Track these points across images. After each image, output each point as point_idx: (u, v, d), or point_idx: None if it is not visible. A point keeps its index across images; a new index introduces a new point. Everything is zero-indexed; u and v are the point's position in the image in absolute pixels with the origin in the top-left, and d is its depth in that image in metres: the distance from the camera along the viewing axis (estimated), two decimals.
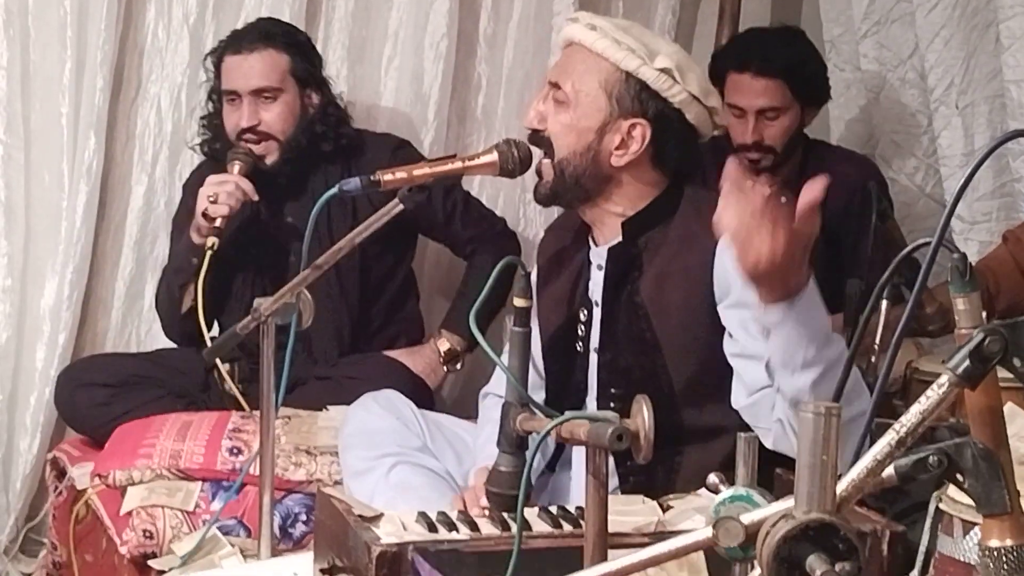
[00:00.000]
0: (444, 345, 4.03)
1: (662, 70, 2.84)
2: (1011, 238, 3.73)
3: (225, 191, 3.77)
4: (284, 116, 3.93)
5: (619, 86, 2.85)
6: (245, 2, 4.30)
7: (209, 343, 3.46)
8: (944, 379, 1.54)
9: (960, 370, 1.54)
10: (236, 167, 3.85)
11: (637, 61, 2.84)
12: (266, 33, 3.96)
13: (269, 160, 3.92)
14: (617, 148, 2.87)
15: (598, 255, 2.99)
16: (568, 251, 3.07)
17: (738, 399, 2.79)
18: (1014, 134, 1.72)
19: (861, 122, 4.64)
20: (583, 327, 3.01)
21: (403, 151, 3.95)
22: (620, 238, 2.95)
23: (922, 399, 1.54)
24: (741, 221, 2.42)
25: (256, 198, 3.83)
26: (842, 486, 1.50)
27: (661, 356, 2.88)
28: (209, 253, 3.71)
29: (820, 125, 4.43)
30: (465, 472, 3.02)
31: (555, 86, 2.91)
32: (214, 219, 3.76)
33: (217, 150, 3.98)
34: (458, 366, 4.05)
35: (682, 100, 2.87)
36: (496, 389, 3.15)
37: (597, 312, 2.98)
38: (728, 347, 2.81)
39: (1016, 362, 1.55)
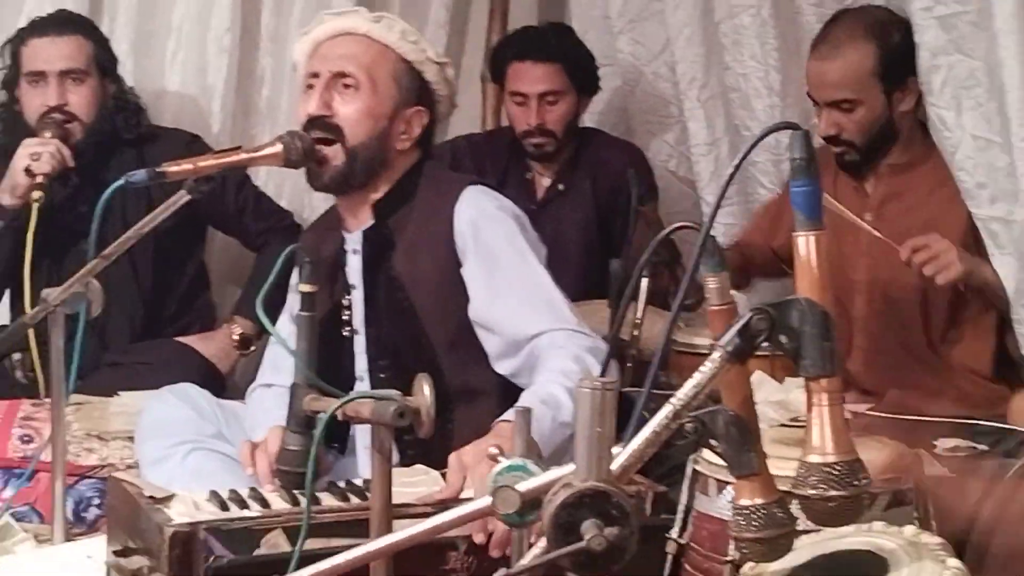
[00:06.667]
0: (237, 330, 4.09)
1: (438, 64, 3.10)
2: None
3: (48, 151, 3.81)
4: (89, 100, 3.98)
5: (406, 76, 3.08)
6: None
7: (29, 303, 3.47)
8: (716, 355, 1.67)
9: (731, 347, 1.67)
10: (49, 134, 3.87)
11: (420, 54, 3.07)
12: (72, 20, 4.03)
13: (71, 141, 3.93)
14: (402, 134, 3.07)
15: (353, 240, 3.13)
16: (325, 245, 3.18)
17: None
18: (781, 126, 1.82)
19: (617, 111, 4.88)
20: (347, 312, 3.14)
21: (196, 145, 4.02)
22: (372, 221, 3.10)
23: (696, 374, 1.67)
24: None
25: (73, 164, 3.86)
26: (624, 456, 1.62)
27: (420, 324, 3.05)
28: (36, 206, 3.70)
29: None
30: None
31: (340, 75, 3.03)
32: (36, 176, 3.77)
33: (8, 142, 3.96)
34: (250, 350, 4.10)
35: (447, 93, 3.15)
36: (265, 380, 3.25)
37: (358, 295, 3.12)
38: None
39: (783, 339, 1.69)
